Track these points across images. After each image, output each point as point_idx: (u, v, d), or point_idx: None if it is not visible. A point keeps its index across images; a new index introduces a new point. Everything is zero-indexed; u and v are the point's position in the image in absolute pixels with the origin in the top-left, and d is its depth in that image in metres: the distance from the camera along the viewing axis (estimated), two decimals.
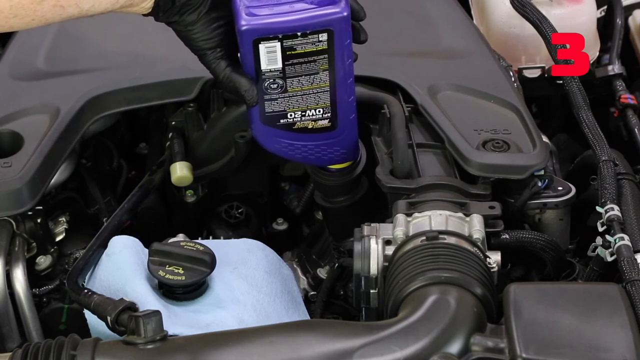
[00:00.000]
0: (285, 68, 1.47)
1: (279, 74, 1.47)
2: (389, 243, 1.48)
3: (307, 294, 1.82)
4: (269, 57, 1.45)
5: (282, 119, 1.52)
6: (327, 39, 1.45)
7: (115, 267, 1.52)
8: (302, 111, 1.52)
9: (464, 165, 1.60)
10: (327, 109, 1.52)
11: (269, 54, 1.45)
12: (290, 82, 1.48)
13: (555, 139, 2.17)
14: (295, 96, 1.50)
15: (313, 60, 1.47)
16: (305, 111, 1.52)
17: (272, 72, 1.47)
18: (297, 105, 1.51)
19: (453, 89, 1.75)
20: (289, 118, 1.52)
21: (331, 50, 1.46)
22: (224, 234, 1.87)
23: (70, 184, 1.81)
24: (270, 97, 1.49)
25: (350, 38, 1.47)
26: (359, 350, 1.28)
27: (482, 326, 1.33)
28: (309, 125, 1.53)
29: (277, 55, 1.46)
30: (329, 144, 1.56)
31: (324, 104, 1.51)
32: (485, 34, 2.05)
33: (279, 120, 1.52)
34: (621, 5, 2.21)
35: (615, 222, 1.51)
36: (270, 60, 1.46)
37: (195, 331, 1.40)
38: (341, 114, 1.53)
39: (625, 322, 1.29)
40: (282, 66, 1.47)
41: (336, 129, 1.54)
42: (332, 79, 1.49)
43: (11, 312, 1.57)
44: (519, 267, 1.61)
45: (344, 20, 1.44)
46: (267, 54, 1.45)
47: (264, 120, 1.52)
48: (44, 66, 1.80)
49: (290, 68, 1.47)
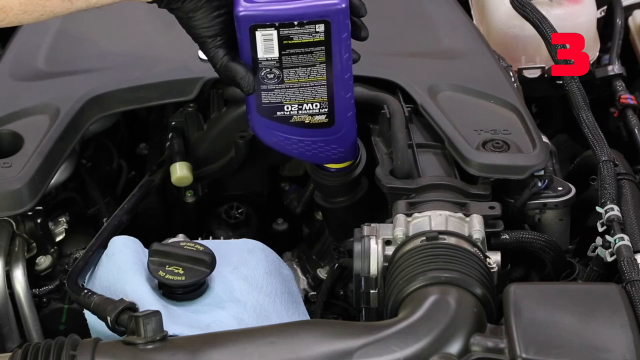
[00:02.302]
0: (282, 57, 1.47)
1: (275, 63, 1.47)
2: (388, 243, 1.48)
3: (307, 294, 1.82)
4: (266, 45, 1.46)
5: (278, 110, 1.52)
6: (324, 30, 1.45)
7: (115, 268, 1.52)
8: (299, 104, 1.51)
9: (464, 165, 1.60)
10: (324, 103, 1.52)
11: (266, 42, 1.45)
12: (287, 73, 1.48)
13: (555, 139, 2.17)
14: (291, 88, 1.50)
15: (310, 52, 1.47)
16: (302, 104, 1.51)
17: (268, 61, 1.47)
18: (293, 97, 1.51)
19: (453, 89, 1.75)
20: (285, 110, 1.52)
21: (328, 43, 1.46)
22: (224, 234, 1.87)
23: (70, 184, 1.81)
24: (267, 87, 1.49)
25: (348, 32, 1.46)
26: (359, 351, 1.28)
27: (482, 326, 1.33)
28: (306, 120, 1.53)
29: (273, 43, 1.45)
30: (327, 141, 1.56)
31: (320, 98, 1.51)
32: (485, 34, 2.05)
33: (276, 112, 1.52)
34: (621, 6, 2.21)
35: (615, 222, 1.51)
36: (267, 48, 1.46)
37: (195, 331, 1.40)
38: (338, 110, 1.53)
39: (625, 322, 1.29)
40: (278, 55, 1.47)
41: (334, 125, 1.54)
42: (329, 72, 1.49)
43: (11, 313, 1.57)
44: (519, 267, 1.61)
45: (342, 12, 1.44)
46: (264, 42, 1.45)
47: (261, 112, 1.52)
48: (44, 66, 1.80)
49: (287, 58, 1.47)
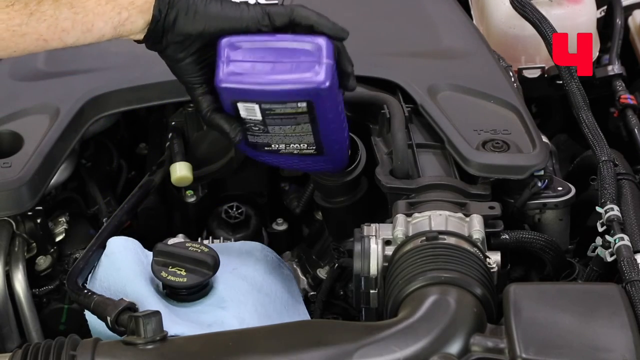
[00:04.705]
0: (265, 120, 1.44)
1: (259, 122, 1.44)
2: (388, 243, 1.48)
3: (307, 294, 1.82)
4: (248, 112, 1.43)
5: (266, 147, 1.50)
6: (306, 106, 1.41)
7: (114, 268, 1.52)
8: (287, 144, 1.49)
9: (464, 165, 1.60)
10: (311, 144, 1.49)
11: (248, 110, 1.42)
12: (272, 128, 1.45)
13: (555, 139, 2.17)
14: (278, 135, 1.47)
15: (294, 117, 1.44)
16: (289, 144, 1.49)
17: (252, 120, 1.44)
18: (280, 140, 1.48)
19: (453, 89, 1.74)
20: (273, 147, 1.50)
21: (312, 113, 1.43)
22: (224, 234, 1.87)
23: (70, 184, 1.81)
24: (252, 134, 1.47)
25: (334, 101, 1.43)
26: (359, 351, 1.28)
27: (482, 326, 1.33)
28: (295, 152, 1.51)
29: (256, 112, 1.42)
30: (315, 160, 1.55)
31: (308, 141, 1.49)
32: (485, 34, 2.05)
33: (264, 148, 1.51)
34: (621, 6, 2.21)
35: (615, 222, 1.51)
36: (249, 113, 1.43)
37: (196, 331, 1.40)
38: (328, 146, 1.51)
39: (625, 323, 1.29)
40: (262, 119, 1.44)
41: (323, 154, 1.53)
42: (315, 128, 1.46)
43: (11, 313, 1.58)
44: (518, 267, 1.61)
45: (325, 91, 1.39)
46: (247, 110, 1.42)
47: (249, 145, 1.51)
48: (44, 66, 1.80)
49: (270, 120, 1.44)
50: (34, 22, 1.34)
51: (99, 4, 1.36)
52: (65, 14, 1.35)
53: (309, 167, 1.58)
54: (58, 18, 1.35)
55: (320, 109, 1.42)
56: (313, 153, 1.52)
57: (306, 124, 1.45)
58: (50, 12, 1.34)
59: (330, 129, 1.48)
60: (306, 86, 1.38)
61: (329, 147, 1.51)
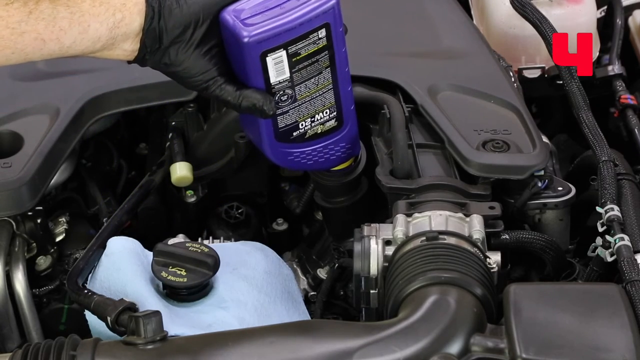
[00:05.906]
0: (292, 76, 1.46)
1: (287, 83, 1.46)
2: (389, 243, 1.48)
3: (307, 294, 1.82)
4: (277, 68, 1.44)
5: (294, 131, 1.52)
6: (325, 34, 1.45)
7: (114, 268, 1.52)
8: (311, 117, 1.51)
9: (464, 165, 1.60)
10: (332, 107, 1.52)
11: (277, 65, 1.44)
12: (299, 89, 1.48)
13: (555, 139, 2.17)
14: (304, 103, 1.49)
15: (316, 61, 1.47)
16: (313, 116, 1.51)
17: (281, 84, 1.46)
18: (306, 112, 1.50)
19: (453, 89, 1.75)
20: (300, 128, 1.52)
21: (330, 45, 1.46)
22: (224, 234, 1.87)
23: (70, 184, 1.81)
24: (282, 110, 1.49)
25: (342, 22, 1.46)
26: (359, 351, 1.28)
27: (482, 326, 1.33)
28: (319, 130, 1.53)
29: (284, 65, 1.45)
30: (336, 142, 1.56)
31: (329, 103, 1.51)
32: (485, 34, 2.05)
33: (292, 134, 1.52)
34: (621, 6, 2.21)
35: (615, 222, 1.51)
36: (278, 71, 1.45)
37: (196, 331, 1.40)
38: (345, 107, 1.53)
39: (625, 323, 1.29)
40: (289, 75, 1.46)
41: (342, 126, 1.54)
42: (333, 74, 1.49)
43: (11, 313, 1.58)
44: (519, 267, 1.61)
45: (336, 5, 1.44)
46: (275, 65, 1.44)
47: (278, 138, 1.52)
48: (44, 66, 1.80)
49: (297, 75, 1.46)
50: (33, 21, 1.34)
51: (94, 5, 1.37)
52: (63, 13, 1.35)
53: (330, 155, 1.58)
54: (56, 17, 1.35)
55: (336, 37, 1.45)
56: (334, 126, 1.53)
57: (327, 69, 1.47)
58: (48, 11, 1.35)
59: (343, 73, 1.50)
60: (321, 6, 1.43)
61: (345, 108, 1.53)
